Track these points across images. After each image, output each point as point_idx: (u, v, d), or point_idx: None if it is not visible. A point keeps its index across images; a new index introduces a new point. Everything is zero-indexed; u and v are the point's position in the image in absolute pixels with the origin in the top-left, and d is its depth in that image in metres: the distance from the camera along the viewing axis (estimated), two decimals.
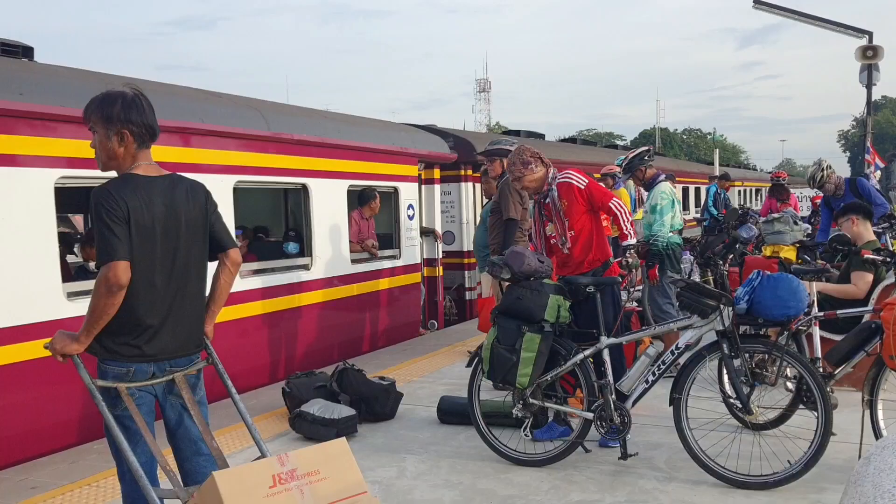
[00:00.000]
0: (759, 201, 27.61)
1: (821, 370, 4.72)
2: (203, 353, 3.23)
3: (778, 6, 16.25)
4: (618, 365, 4.65)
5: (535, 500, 4.12)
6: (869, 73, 14.79)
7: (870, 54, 14.63)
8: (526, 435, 4.69)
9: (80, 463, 4.91)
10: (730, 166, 31.90)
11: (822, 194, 8.83)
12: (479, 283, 8.71)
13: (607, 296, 4.76)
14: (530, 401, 4.54)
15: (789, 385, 4.75)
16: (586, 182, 5.04)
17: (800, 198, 21.06)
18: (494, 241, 6.63)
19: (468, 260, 10.68)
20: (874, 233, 6.16)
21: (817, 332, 5.06)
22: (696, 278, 8.05)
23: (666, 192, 6.56)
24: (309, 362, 7.59)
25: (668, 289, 6.34)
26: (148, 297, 2.95)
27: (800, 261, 7.28)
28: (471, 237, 9.98)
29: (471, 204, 10.85)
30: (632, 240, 5.13)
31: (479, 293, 8.37)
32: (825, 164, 8.40)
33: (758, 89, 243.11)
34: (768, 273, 4.33)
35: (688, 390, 4.28)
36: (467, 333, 9.08)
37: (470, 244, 10.32)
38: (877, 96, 33.32)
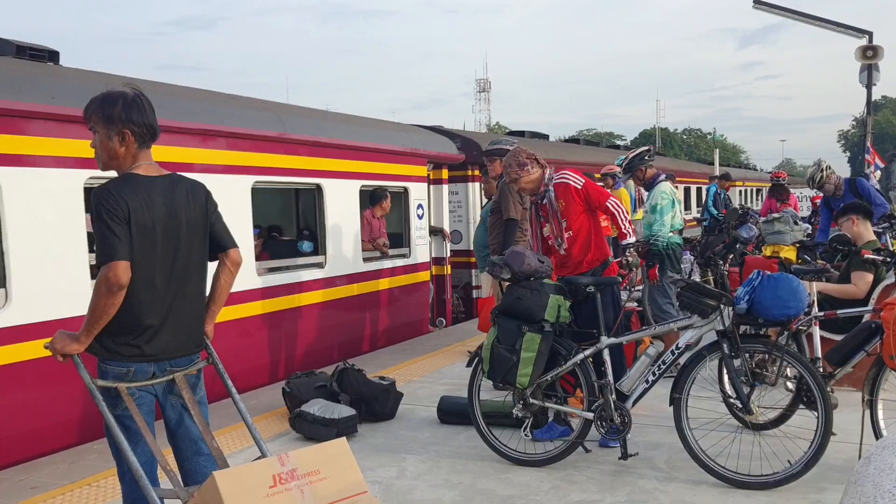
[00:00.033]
0: (760, 201, 27.61)
1: (821, 370, 4.71)
2: (203, 352, 3.23)
3: (778, 6, 16.25)
4: (618, 365, 4.65)
5: (535, 500, 4.12)
6: (869, 73, 14.79)
7: (870, 54, 14.63)
8: (526, 435, 4.69)
9: (81, 463, 4.92)
10: (730, 166, 31.89)
11: (821, 194, 8.84)
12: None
13: (607, 296, 4.76)
14: (530, 401, 4.54)
15: (789, 385, 4.75)
16: (583, 182, 5.04)
17: (800, 198, 21.10)
18: (494, 241, 6.63)
19: (475, 259, 10.77)
20: (874, 233, 6.17)
21: (817, 332, 5.06)
22: (697, 278, 8.05)
23: (666, 191, 6.55)
24: (321, 358, 7.78)
25: (668, 289, 6.34)
26: (148, 297, 2.95)
27: (800, 261, 7.28)
28: None
29: (478, 204, 10.98)
30: (631, 238, 5.13)
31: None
32: (824, 164, 8.41)
33: (758, 89, 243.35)
34: (768, 273, 4.33)
35: (688, 390, 4.28)
36: (467, 333, 9.08)
37: None
38: (877, 96, 33.36)
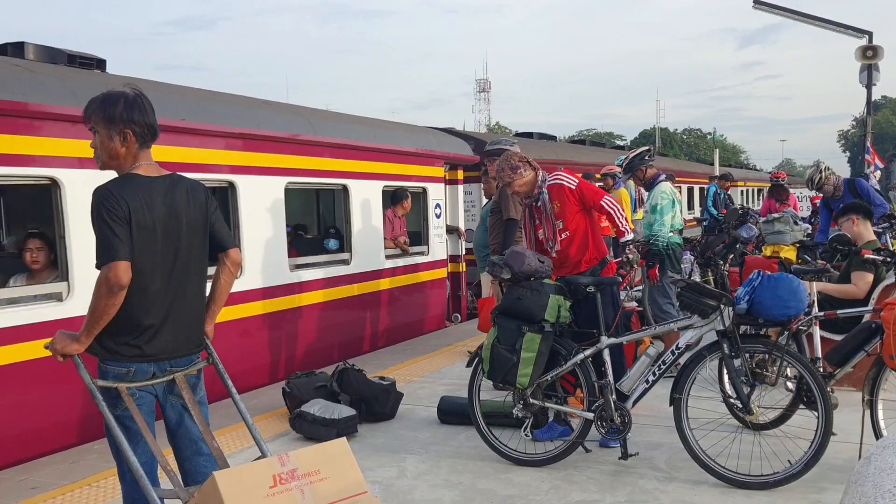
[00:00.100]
0: (762, 201, 27.59)
1: (821, 370, 4.71)
2: (203, 353, 3.23)
3: (778, 6, 16.25)
4: (618, 365, 4.65)
5: (535, 500, 4.12)
6: (869, 73, 14.79)
7: (870, 54, 14.63)
8: (526, 435, 4.68)
9: (81, 463, 4.92)
10: (731, 166, 31.88)
11: (821, 195, 8.84)
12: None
13: (606, 296, 4.75)
14: (530, 401, 4.54)
15: (789, 385, 4.75)
16: (577, 182, 5.04)
17: (799, 198, 21.08)
18: (494, 241, 6.63)
19: (475, 258, 10.92)
20: (874, 233, 6.17)
21: (817, 332, 5.07)
22: (697, 278, 8.05)
23: (666, 191, 6.55)
24: (350, 350, 8.21)
25: (668, 289, 6.34)
26: (148, 298, 2.95)
27: (800, 261, 7.29)
28: None
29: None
30: (629, 235, 5.13)
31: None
32: (823, 165, 8.42)
33: (758, 89, 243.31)
34: (768, 273, 4.33)
35: (688, 390, 4.28)
36: (467, 333, 9.08)
37: None
38: (877, 96, 33.36)
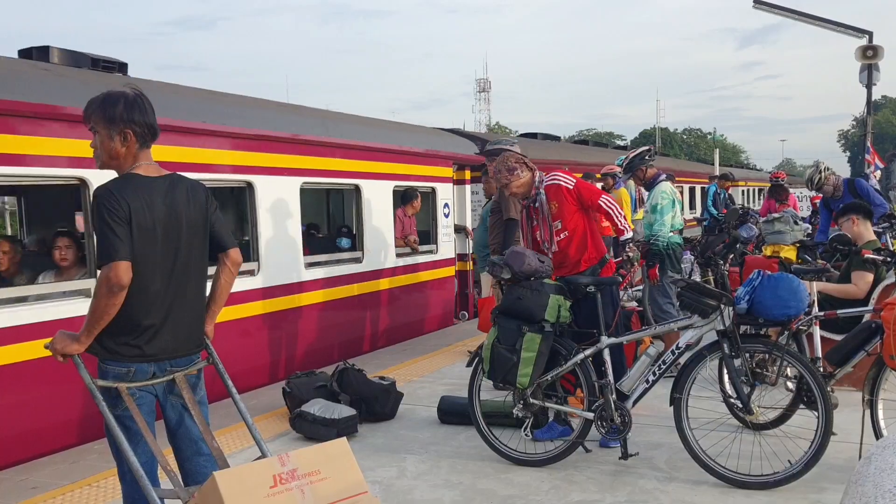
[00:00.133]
0: (763, 201, 27.59)
1: (821, 370, 4.72)
2: (203, 353, 3.23)
3: (778, 6, 16.25)
4: (618, 365, 4.65)
5: (535, 500, 4.12)
6: (869, 73, 14.79)
7: (870, 54, 14.63)
8: (526, 435, 4.68)
9: (81, 463, 4.92)
10: (731, 166, 31.89)
11: (820, 195, 8.84)
12: None
13: (605, 295, 4.75)
14: (531, 401, 4.54)
15: (790, 385, 4.75)
16: (574, 182, 5.04)
17: (799, 198, 21.09)
18: (494, 241, 6.64)
19: (475, 258, 11.01)
20: (874, 232, 6.17)
21: (818, 331, 5.07)
22: (697, 278, 8.05)
23: (666, 191, 6.55)
24: (358, 347, 8.38)
25: (668, 288, 6.34)
26: (148, 298, 2.95)
27: (800, 261, 7.29)
28: None
29: None
30: (629, 233, 5.12)
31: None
32: (822, 166, 8.41)
33: (758, 89, 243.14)
34: (769, 273, 4.33)
35: (688, 390, 4.28)
36: (467, 333, 9.08)
37: None
38: (877, 96, 33.36)
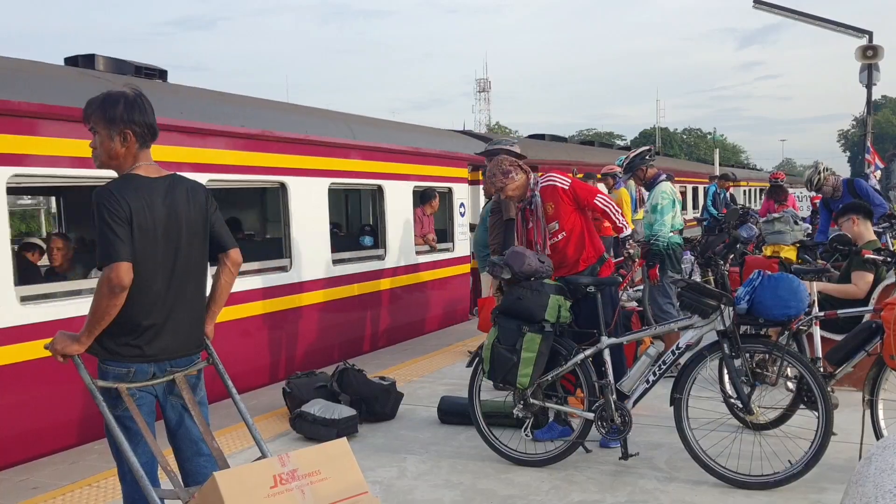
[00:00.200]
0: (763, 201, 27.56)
1: (821, 370, 4.71)
2: (203, 353, 3.23)
3: (778, 6, 16.25)
4: (618, 365, 4.65)
5: (535, 500, 4.12)
6: (869, 73, 14.79)
7: (870, 54, 14.63)
8: (526, 435, 4.68)
9: (81, 463, 4.92)
10: (732, 166, 31.89)
11: (820, 195, 8.84)
12: None
13: (605, 295, 4.75)
14: (531, 401, 4.53)
15: (790, 385, 4.75)
16: (569, 182, 5.03)
17: (799, 198, 21.06)
18: (494, 241, 6.63)
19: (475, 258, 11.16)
20: (874, 233, 6.17)
21: (818, 331, 5.06)
22: (697, 278, 8.05)
23: (667, 191, 6.55)
24: (381, 341, 8.71)
25: (668, 289, 6.34)
26: (149, 298, 2.95)
27: (800, 261, 7.29)
28: None
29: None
30: (627, 230, 5.12)
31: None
32: (822, 166, 8.41)
33: (758, 89, 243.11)
34: (769, 273, 4.33)
35: (688, 390, 4.28)
36: (467, 333, 9.09)
37: None
38: (877, 96, 33.36)
